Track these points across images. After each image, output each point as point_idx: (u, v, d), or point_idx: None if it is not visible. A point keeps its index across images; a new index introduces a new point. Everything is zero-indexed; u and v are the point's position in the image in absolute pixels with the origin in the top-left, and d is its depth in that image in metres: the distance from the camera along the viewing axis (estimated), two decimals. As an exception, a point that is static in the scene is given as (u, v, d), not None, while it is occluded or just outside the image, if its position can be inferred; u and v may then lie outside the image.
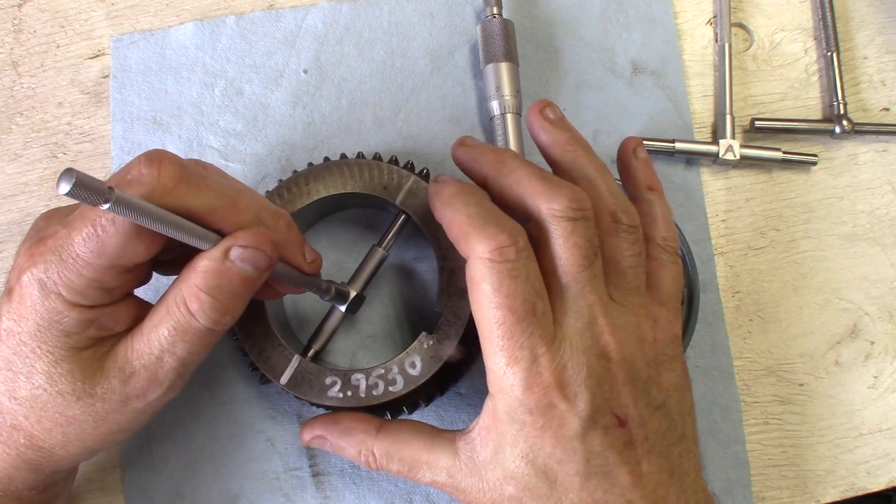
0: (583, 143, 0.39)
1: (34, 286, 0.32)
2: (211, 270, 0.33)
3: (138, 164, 0.31)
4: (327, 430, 0.40)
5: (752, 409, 0.47)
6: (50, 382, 0.33)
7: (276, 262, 0.35)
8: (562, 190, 0.34)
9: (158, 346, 0.34)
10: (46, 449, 0.35)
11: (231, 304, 0.34)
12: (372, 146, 0.49)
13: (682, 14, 0.52)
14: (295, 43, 0.51)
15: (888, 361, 0.48)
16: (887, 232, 0.50)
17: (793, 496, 0.47)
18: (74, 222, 0.32)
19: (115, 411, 0.35)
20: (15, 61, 0.51)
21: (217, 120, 0.50)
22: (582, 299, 0.34)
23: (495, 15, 0.48)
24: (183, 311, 0.33)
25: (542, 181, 0.35)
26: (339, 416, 0.40)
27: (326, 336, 0.43)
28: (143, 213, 0.30)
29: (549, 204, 0.34)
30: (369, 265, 0.43)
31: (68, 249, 0.32)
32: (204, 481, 0.46)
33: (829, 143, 0.51)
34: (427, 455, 0.37)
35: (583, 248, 0.34)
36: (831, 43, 0.51)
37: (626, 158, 0.41)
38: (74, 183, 0.26)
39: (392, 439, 0.38)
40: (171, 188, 0.31)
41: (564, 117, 0.40)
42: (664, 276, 0.38)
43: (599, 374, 0.33)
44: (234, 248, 0.33)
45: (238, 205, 0.34)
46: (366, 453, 0.39)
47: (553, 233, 0.34)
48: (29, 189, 0.50)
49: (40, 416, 0.34)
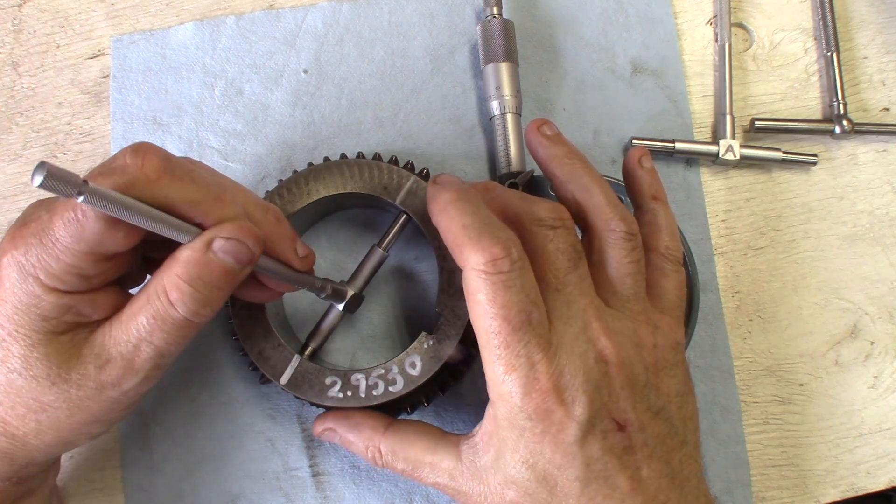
0: (579, 157, 0.40)
1: (13, 268, 0.32)
2: (193, 261, 0.33)
3: (124, 155, 0.32)
4: (338, 423, 0.41)
5: (752, 409, 0.47)
6: (25, 366, 0.33)
7: (259, 257, 0.35)
8: (541, 203, 0.36)
9: (136, 334, 0.34)
10: (19, 437, 0.35)
11: (211, 296, 0.34)
12: (372, 146, 0.49)
13: (682, 14, 0.52)
14: (295, 43, 0.51)
15: (888, 361, 0.48)
16: (887, 232, 0.50)
17: (793, 496, 0.47)
18: (58, 207, 0.32)
19: (90, 399, 0.34)
20: (15, 61, 0.51)
21: (217, 120, 0.50)
22: (574, 304, 0.35)
23: (495, 15, 0.48)
24: (163, 300, 0.33)
25: (522, 198, 0.37)
26: (350, 411, 0.41)
27: (324, 335, 0.43)
28: (118, 205, 0.30)
29: (531, 212, 0.36)
30: (368, 265, 0.43)
31: (49, 233, 0.32)
32: (204, 481, 0.46)
33: (829, 143, 0.51)
34: (431, 456, 0.37)
35: (564, 251, 0.35)
36: (831, 43, 0.51)
37: (632, 168, 0.42)
38: (46, 175, 0.27)
39: (399, 438, 0.39)
40: (154, 179, 0.31)
41: (561, 133, 0.41)
42: (666, 285, 0.39)
43: (597, 377, 0.33)
44: (216, 240, 0.33)
45: (222, 199, 0.34)
46: (372, 449, 0.39)
47: (536, 241, 0.35)
48: (29, 189, 0.50)
49: (14, 401, 0.34)
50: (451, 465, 0.36)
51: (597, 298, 0.36)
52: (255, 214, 0.36)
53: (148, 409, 0.46)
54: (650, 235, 0.40)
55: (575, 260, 0.35)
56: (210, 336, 0.47)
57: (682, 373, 0.37)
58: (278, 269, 0.37)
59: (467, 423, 0.46)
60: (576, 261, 0.35)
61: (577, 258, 0.35)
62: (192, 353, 0.46)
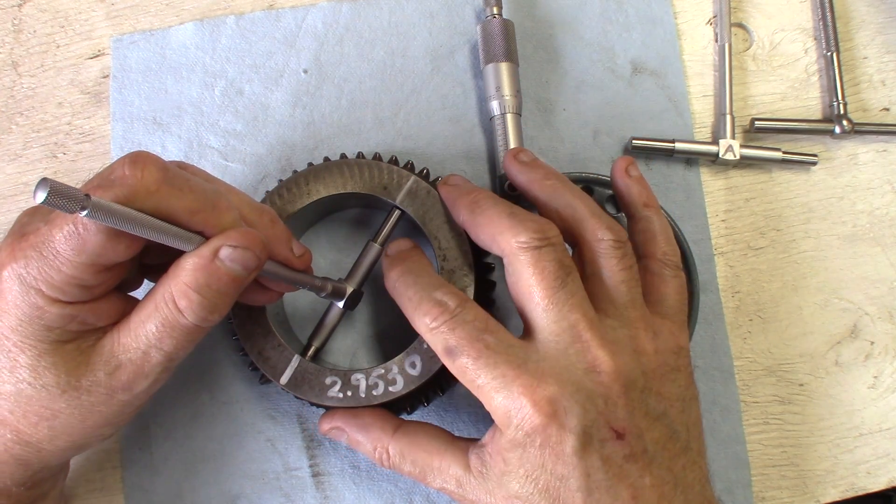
0: (558, 176, 0.40)
1: (14, 281, 0.32)
2: (200, 269, 0.33)
3: (122, 166, 0.32)
4: (346, 422, 0.41)
5: (752, 409, 0.47)
6: (34, 376, 0.34)
7: (265, 262, 0.35)
8: (526, 223, 0.36)
9: (146, 340, 0.34)
10: (33, 444, 0.35)
11: (219, 303, 0.34)
12: (372, 146, 0.49)
13: (682, 14, 0.52)
14: (295, 43, 0.51)
15: (888, 361, 0.48)
16: (887, 232, 0.50)
17: (793, 496, 0.47)
18: (56, 220, 0.32)
19: (102, 404, 0.35)
20: (15, 61, 0.51)
21: (217, 120, 0.49)
22: (564, 320, 0.35)
23: (495, 15, 0.48)
24: (171, 307, 0.34)
25: (509, 217, 0.37)
26: (358, 410, 0.41)
27: (326, 333, 0.43)
28: (121, 218, 0.30)
29: (515, 238, 0.36)
30: (365, 261, 0.43)
31: (49, 246, 0.32)
32: (204, 481, 0.46)
33: (829, 143, 0.51)
34: (439, 461, 0.37)
35: (552, 270, 0.35)
36: (831, 43, 0.51)
37: (620, 178, 0.42)
38: (49, 192, 0.27)
39: (408, 440, 0.39)
40: (153, 190, 0.32)
41: (537, 159, 0.42)
42: (667, 290, 0.39)
43: (589, 388, 0.34)
44: (223, 248, 0.33)
45: (219, 206, 0.34)
46: (381, 451, 0.39)
47: (522, 263, 0.36)
48: (29, 189, 0.49)
49: (25, 410, 0.34)
50: (460, 472, 0.37)
51: (590, 311, 0.36)
52: (250, 217, 0.36)
53: (148, 410, 0.46)
54: (646, 243, 0.40)
55: (563, 277, 0.35)
56: (210, 336, 0.46)
57: (684, 378, 0.37)
58: (278, 271, 0.37)
59: (468, 424, 0.46)
60: (563, 278, 0.35)
61: (566, 275, 0.36)
62: (192, 353, 0.45)
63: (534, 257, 0.35)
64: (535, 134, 0.49)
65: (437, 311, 0.36)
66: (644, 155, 0.49)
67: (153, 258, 0.37)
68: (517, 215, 0.37)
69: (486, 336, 0.35)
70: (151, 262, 0.37)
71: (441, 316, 0.36)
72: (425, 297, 0.36)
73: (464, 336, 0.35)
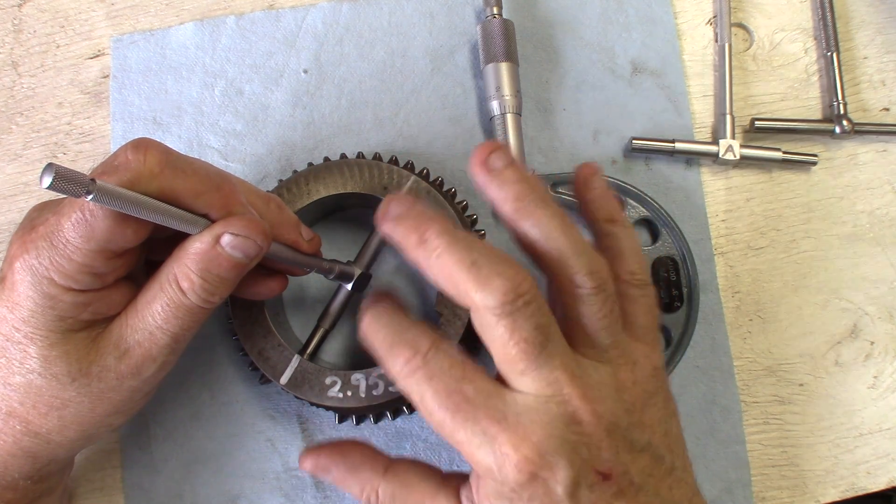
0: (532, 196, 0.35)
1: (26, 272, 0.33)
2: (202, 253, 0.34)
3: (125, 151, 0.32)
4: (334, 462, 0.38)
5: (752, 409, 0.47)
6: (44, 366, 0.34)
7: (266, 250, 0.35)
8: (492, 280, 0.31)
9: (152, 321, 0.35)
10: (43, 435, 0.35)
11: (220, 286, 0.35)
12: (372, 146, 0.49)
13: (682, 14, 0.52)
14: (295, 43, 0.51)
15: (888, 361, 0.48)
16: (887, 232, 0.50)
17: (793, 496, 0.47)
18: (64, 209, 0.33)
19: (111, 390, 0.35)
20: (15, 61, 0.51)
21: (217, 120, 0.50)
22: (543, 379, 0.33)
23: (495, 15, 0.48)
24: (175, 288, 0.34)
25: (470, 271, 0.32)
26: (346, 448, 0.39)
27: (334, 316, 0.43)
28: (126, 201, 0.30)
29: (482, 298, 0.31)
30: (372, 244, 0.43)
31: (58, 235, 0.32)
32: (204, 481, 0.46)
33: (829, 143, 0.51)
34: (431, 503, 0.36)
35: (531, 340, 0.32)
36: (831, 43, 0.51)
37: (581, 192, 0.39)
38: (55, 176, 0.27)
39: (399, 482, 0.37)
40: (157, 173, 0.32)
41: (510, 164, 0.35)
42: (636, 311, 0.37)
43: (572, 440, 0.32)
44: (225, 235, 0.34)
45: (223, 189, 0.34)
46: (369, 492, 0.37)
47: (494, 327, 0.32)
48: (29, 189, 0.50)
49: (35, 400, 0.35)
50: None
51: (571, 362, 0.33)
52: (257, 204, 0.37)
53: (148, 409, 0.46)
54: (611, 261, 0.37)
55: (542, 342, 0.32)
56: (210, 336, 0.47)
57: (662, 399, 0.36)
58: (288, 254, 0.38)
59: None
60: (542, 343, 0.32)
61: (545, 339, 0.32)
62: (192, 353, 0.46)
63: (507, 325, 0.32)
64: (534, 134, 0.49)
65: (408, 353, 0.33)
66: (644, 155, 0.49)
67: (159, 254, 0.37)
68: (481, 267, 0.32)
69: (465, 386, 0.32)
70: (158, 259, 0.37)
71: (413, 360, 0.33)
72: (397, 340, 0.34)
73: (440, 388, 0.32)
